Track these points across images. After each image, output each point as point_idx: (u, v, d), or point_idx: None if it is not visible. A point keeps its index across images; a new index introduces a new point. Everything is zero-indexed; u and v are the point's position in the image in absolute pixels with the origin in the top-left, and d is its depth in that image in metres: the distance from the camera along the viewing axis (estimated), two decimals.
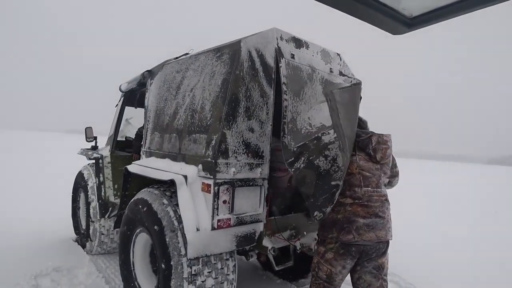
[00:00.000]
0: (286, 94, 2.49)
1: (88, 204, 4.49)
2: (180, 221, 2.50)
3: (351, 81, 3.14)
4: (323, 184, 2.26)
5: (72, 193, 5.14)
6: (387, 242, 2.38)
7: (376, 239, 2.27)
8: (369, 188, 2.34)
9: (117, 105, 4.63)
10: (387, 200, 2.42)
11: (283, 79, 2.53)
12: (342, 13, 1.73)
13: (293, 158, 2.34)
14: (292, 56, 2.73)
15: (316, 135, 2.47)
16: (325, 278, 2.33)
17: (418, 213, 9.54)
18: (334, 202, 2.22)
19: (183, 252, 2.44)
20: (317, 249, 2.41)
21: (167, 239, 2.50)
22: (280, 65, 2.58)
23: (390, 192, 2.51)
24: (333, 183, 2.25)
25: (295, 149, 2.37)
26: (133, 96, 4.64)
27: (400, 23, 1.80)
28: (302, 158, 2.34)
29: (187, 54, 3.40)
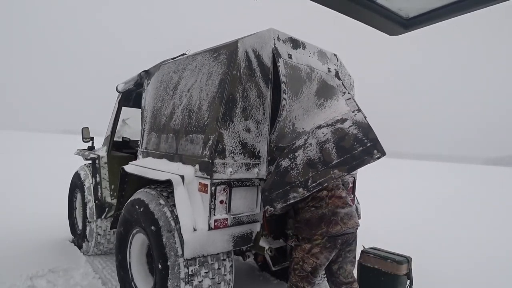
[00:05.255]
0: (286, 93, 2.49)
1: (84, 204, 4.48)
2: (177, 221, 2.50)
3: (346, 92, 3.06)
4: (279, 180, 2.38)
5: (69, 193, 5.12)
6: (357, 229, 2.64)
7: (356, 225, 2.55)
8: None
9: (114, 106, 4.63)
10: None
11: (282, 78, 2.53)
12: (339, 14, 1.74)
13: (270, 158, 2.50)
14: (290, 57, 2.74)
15: (293, 142, 2.53)
16: (310, 270, 2.48)
17: (411, 214, 9.58)
18: (288, 201, 2.32)
19: (180, 252, 2.44)
20: (301, 247, 2.52)
21: (164, 240, 2.49)
22: (279, 64, 2.59)
23: (386, 192, 2.54)
24: (287, 180, 2.35)
25: (274, 149, 2.50)
26: (130, 96, 4.63)
27: (396, 24, 1.81)
28: (275, 162, 2.48)
29: (184, 54, 3.39)
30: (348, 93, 2.90)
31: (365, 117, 2.53)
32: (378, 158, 2.31)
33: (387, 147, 2.39)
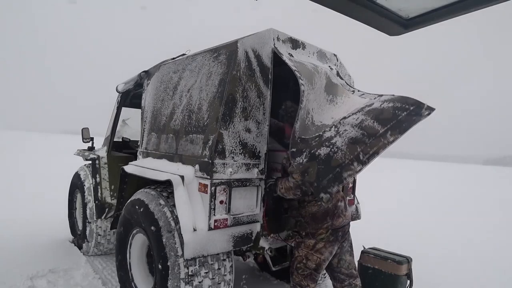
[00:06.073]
0: (302, 80, 2.42)
1: (84, 205, 4.48)
2: (177, 221, 2.49)
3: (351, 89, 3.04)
4: (324, 167, 2.20)
5: (69, 194, 5.12)
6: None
7: (350, 216, 2.74)
8: None
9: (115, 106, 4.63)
10: None
11: (293, 68, 2.48)
12: (340, 14, 1.73)
13: (295, 150, 2.30)
14: (290, 56, 2.74)
15: (318, 133, 2.40)
16: (314, 267, 2.52)
17: (412, 214, 9.57)
18: (343, 181, 2.14)
19: (180, 252, 2.44)
20: (305, 243, 2.56)
21: (164, 240, 2.49)
22: (284, 58, 2.57)
23: (386, 192, 2.54)
24: (333, 164, 2.17)
25: (298, 140, 2.33)
26: (130, 96, 4.63)
27: (396, 24, 1.81)
28: (305, 153, 2.30)
29: (184, 54, 3.40)
30: (358, 90, 2.91)
31: (393, 95, 2.45)
32: (428, 114, 2.20)
33: None
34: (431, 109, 2.21)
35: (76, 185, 4.82)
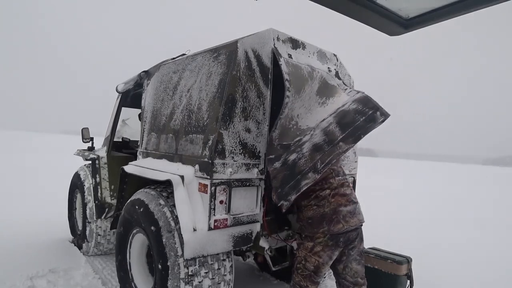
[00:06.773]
0: (289, 91, 2.46)
1: (84, 205, 4.48)
2: (176, 221, 2.50)
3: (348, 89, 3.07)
4: (290, 173, 2.33)
5: (69, 194, 5.12)
6: (361, 226, 2.62)
7: (359, 222, 2.51)
8: (340, 177, 2.58)
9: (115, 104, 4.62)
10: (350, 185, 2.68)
11: (285, 76, 2.50)
12: (340, 14, 1.74)
13: (273, 156, 2.42)
14: (290, 57, 2.74)
15: (299, 138, 2.49)
16: (312, 269, 2.47)
17: (411, 214, 9.57)
18: (301, 189, 2.26)
19: (179, 252, 2.44)
20: (304, 245, 2.52)
21: (163, 240, 2.49)
22: (280, 63, 2.58)
23: (386, 192, 2.52)
24: (296, 170, 2.30)
25: (278, 146, 2.45)
26: (130, 96, 4.63)
27: (396, 24, 1.81)
28: (281, 159, 2.42)
29: (184, 54, 3.40)
30: (350, 88, 2.92)
31: (363, 92, 2.54)
32: (382, 121, 2.30)
33: (387, 147, 2.37)
34: (386, 115, 2.30)
35: (76, 185, 4.82)
